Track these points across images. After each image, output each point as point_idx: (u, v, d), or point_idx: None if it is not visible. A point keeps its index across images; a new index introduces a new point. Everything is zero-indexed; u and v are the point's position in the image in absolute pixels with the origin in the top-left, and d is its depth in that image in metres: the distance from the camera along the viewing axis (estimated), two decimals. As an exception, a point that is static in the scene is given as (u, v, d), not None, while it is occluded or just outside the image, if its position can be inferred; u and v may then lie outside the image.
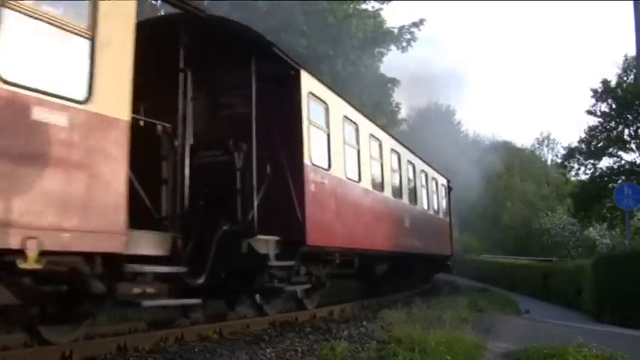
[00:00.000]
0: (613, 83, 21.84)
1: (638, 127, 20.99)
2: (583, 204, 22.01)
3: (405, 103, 35.48)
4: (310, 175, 8.98)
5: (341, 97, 11.13)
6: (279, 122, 8.64)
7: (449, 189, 22.99)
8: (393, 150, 14.45)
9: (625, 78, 23.19)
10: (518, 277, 28.13)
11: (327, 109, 10.12)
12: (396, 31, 23.39)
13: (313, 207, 8.95)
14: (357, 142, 11.66)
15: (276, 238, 8.30)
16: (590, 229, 27.09)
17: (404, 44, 23.57)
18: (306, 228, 8.63)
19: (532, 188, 49.29)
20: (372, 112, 19.59)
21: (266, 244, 8.06)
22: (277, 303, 9.53)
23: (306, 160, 8.90)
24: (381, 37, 23.25)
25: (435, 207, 19.89)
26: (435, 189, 20.02)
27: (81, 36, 5.10)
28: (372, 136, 12.73)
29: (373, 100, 23.38)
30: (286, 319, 9.20)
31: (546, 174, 53.08)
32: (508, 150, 54.37)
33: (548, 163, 56.98)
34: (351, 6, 21.91)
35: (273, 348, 6.51)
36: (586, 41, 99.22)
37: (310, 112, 9.30)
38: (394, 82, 24.91)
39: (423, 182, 18.06)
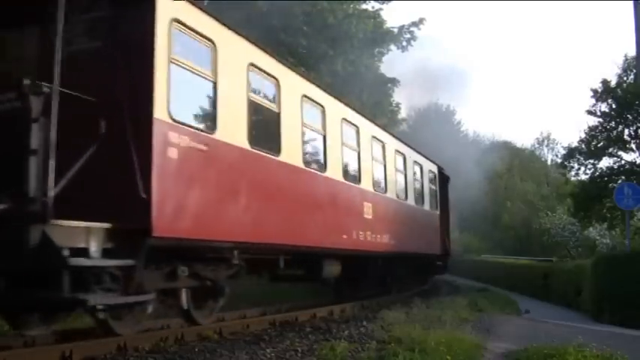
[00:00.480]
0: (613, 83, 21.86)
1: (638, 127, 21.00)
2: (583, 204, 22.03)
3: (405, 103, 35.47)
4: (167, 136, 6.34)
5: (247, 39, 8.31)
6: (125, 61, 6.29)
7: (442, 177, 19.82)
8: (346, 121, 11.53)
9: (625, 78, 23.20)
10: (518, 277, 28.14)
11: (214, 50, 7.35)
12: (396, 30, 23.39)
13: (172, 181, 6.42)
14: (278, 103, 8.95)
15: (103, 225, 5.83)
16: (590, 229, 27.12)
17: (404, 44, 23.57)
18: (154, 212, 6.05)
19: (532, 188, 49.33)
20: (372, 112, 19.63)
21: (84, 233, 5.64)
22: (133, 318, 6.71)
23: (159, 114, 6.25)
24: (380, 37, 23.25)
25: (419, 197, 16.68)
26: (418, 176, 16.82)
27: None
28: (307, 98, 9.91)
29: (373, 100, 23.36)
30: (286, 319, 9.19)
31: (546, 174, 53.14)
32: (508, 150, 54.46)
33: (548, 163, 57.03)
34: (351, 6, 21.90)
35: (273, 348, 6.51)
36: (586, 41, 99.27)
37: (175, 47, 6.58)
38: (394, 82, 24.89)
39: (400, 166, 14.92)
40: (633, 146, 21.30)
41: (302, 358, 6.15)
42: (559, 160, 30.58)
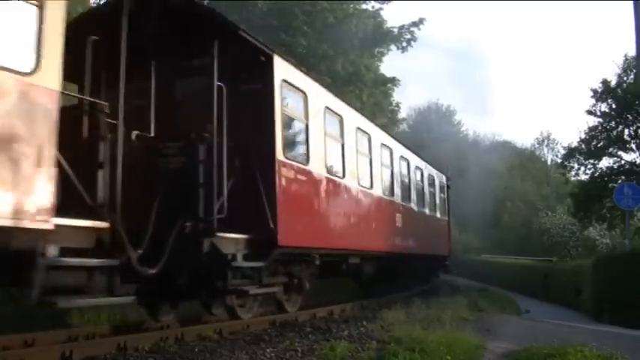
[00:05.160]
0: (613, 83, 21.85)
1: (638, 127, 21.00)
2: (583, 204, 22.02)
3: (405, 102, 35.47)
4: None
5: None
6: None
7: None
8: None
9: (625, 78, 23.17)
10: (518, 277, 28.15)
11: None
12: (396, 31, 23.40)
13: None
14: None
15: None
16: (590, 229, 27.11)
17: (404, 44, 23.58)
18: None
19: (532, 188, 49.35)
20: (372, 112, 19.64)
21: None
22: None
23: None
24: (381, 37, 23.27)
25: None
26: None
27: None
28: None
29: (373, 100, 23.35)
30: (286, 319, 9.19)
31: (546, 174, 53.16)
32: (508, 150, 54.52)
33: (548, 163, 57.03)
34: (351, 6, 21.92)
35: (273, 348, 6.50)
36: (586, 41, 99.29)
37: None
38: (394, 82, 24.88)
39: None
40: (633, 146, 21.30)
41: (302, 358, 6.15)
42: (559, 160, 30.59)
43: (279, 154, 8.25)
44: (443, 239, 20.36)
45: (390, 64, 26.45)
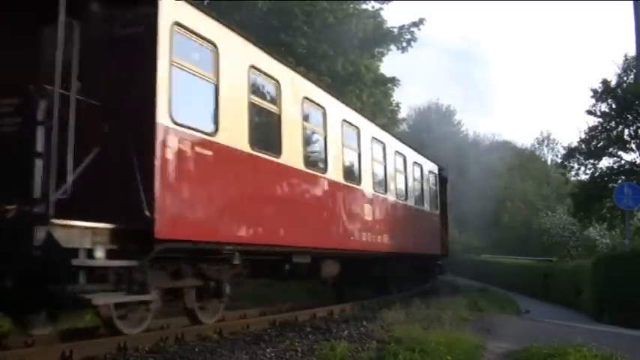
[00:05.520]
0: (613, 83, 21.86)
1: (638, 127, 21.00)
2: (583, 204, 22.03)
3: (405, 102, 35.45)
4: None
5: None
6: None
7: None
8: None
9: (625, 78, 23.19)
10: (518, 277, 28.17)
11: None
12: (396, 31, 23.39)
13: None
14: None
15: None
16: (590, 229, 27.13)
17: (404, 44, 23.57)
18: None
19: (532, 188, 49.35)
20: (372, 112, 19.63)
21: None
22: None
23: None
24: (381, 37, 23.28)
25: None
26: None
27: None
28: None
29: (373, 100, 23.34)
30: (286, 319, 9.19)
31: (546, 174, 53.16)
32: (509, 150, 54.56)
33: (548, 163, 57.03)
34: (351, 6, 21.93)
35: (273, 348, 6.50)
36: (586, 41, 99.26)
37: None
38: (394, 82, 24.86)
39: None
40: (633, 146, 21.31)
41: (302, 358, 6.15)
42: (559, 160, 30.59)
43: (163, 117, 6.22)
44: (434, 236, 18.02)
45: (390, 64, 26.50)
